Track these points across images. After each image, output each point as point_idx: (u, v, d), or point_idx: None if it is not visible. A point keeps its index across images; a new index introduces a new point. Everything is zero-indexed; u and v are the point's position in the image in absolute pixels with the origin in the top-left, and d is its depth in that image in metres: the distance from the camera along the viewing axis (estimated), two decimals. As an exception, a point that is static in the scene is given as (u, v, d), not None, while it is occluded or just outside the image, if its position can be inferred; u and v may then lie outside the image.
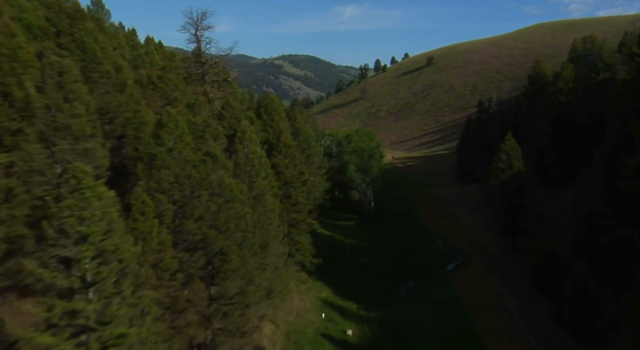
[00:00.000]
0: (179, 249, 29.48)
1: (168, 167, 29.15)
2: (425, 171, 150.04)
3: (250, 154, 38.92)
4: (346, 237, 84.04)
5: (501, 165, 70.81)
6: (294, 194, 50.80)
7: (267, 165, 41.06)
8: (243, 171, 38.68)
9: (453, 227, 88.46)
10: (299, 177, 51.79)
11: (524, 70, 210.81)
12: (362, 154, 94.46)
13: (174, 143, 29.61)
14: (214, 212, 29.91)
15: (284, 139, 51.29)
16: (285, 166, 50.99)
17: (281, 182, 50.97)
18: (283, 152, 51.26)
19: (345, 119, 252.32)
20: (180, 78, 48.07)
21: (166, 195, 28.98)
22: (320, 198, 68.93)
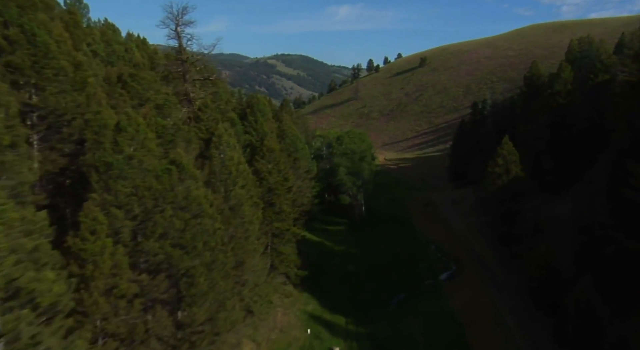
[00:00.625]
0: (138, 271, 25.67)
1: (126, 177, 25.34)
2: (417, 173, 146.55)
3: (226, 160, 35.12)
4: (336, 243, 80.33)
5: (497, 170, 67.32)
6: (277, 202, 47.00)
7: (245, 173, 37.23)
8: (219, 179, 34.89)
9: (446, 233, 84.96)
10: (284, 183, 47.97)
11: (518, 71, 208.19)
12: (353, 157, 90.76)
13: (134, 150, 25.82)
14: (178, 229, 26.09)
15: (268, 143, 47.47)
16: (268, 172, 47.19)
17: (264, 189, 47.19)
18: (266, 157, 47.45)
19: (337, 120, 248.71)
20: (155, 76, 44.14)
21: (123, 210, 25.16)
22: (307, 204, 65.14)
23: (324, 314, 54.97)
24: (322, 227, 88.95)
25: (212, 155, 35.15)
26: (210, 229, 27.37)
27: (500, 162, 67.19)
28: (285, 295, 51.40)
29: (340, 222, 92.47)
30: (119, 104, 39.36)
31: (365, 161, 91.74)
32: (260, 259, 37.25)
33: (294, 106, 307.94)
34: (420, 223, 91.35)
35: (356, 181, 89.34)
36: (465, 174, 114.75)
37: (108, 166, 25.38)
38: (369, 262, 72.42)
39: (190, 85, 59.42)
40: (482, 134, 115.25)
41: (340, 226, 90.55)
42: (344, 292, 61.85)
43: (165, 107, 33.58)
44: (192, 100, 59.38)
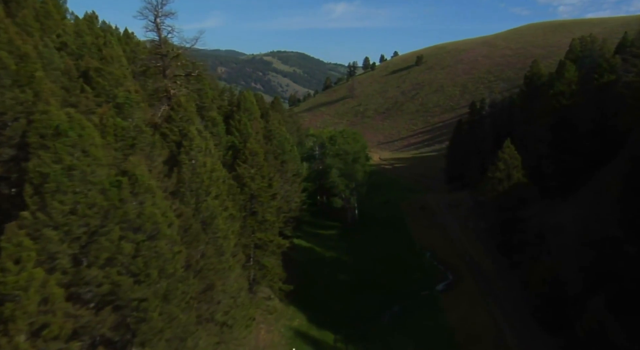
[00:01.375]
0: (78, 304, 21.16)
1: (65, 192, 20.80)
2: (413, 174, 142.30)
3: (198, 167, 30.58)
4: (327, 249, 75.84)
5: (498, 175, 63.01)
6: (260, 210, 42.53)
7: (220, 181, 32.68)
8: (189, 189, 30.36)
9: (442, 239, 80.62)
10: (267, 189, 43.46)
11: (515, 71, 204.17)
12: (346, 158, 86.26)
13: (77, 158, 21.30)
14: (128, 254, 21.57)
15: (251, 145, 42.91)
16: (250, 177, 42.66)
17: (246, 197, 42.71)
18: (249, 161, 42.90)
19: (332, 118, 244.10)
20: (125, 71, 39.56)
21: (60, 231, 20.64)
22: (296, 210, 60.67)
23: (311, 331, 50.48)
24: (313, 231, 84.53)
25: (182, 162, 30.59)
26: (167, 253, 22.84)
27: (502, 166, 62.88)
28: (268, 311, 46.90)
29: (332, 226, 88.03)
30: (80, 102, 34.78)
31: (358, 162, 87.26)
32: (236, 279, 32.73)
33: (288, 104, 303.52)
34: (415, 228, 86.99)
35: (349, 183, 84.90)
36: (462, 176, 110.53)
37: (44, 178, 20.85)
38: (361, 271, 68.01)
39: (171, 81, 54.79)
40: (479, 134, 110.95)
41: (332, 230, 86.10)
42: (333, 304, 57.41)
43: (126, 106, 28.97)
44: (172, 97, 54.82)
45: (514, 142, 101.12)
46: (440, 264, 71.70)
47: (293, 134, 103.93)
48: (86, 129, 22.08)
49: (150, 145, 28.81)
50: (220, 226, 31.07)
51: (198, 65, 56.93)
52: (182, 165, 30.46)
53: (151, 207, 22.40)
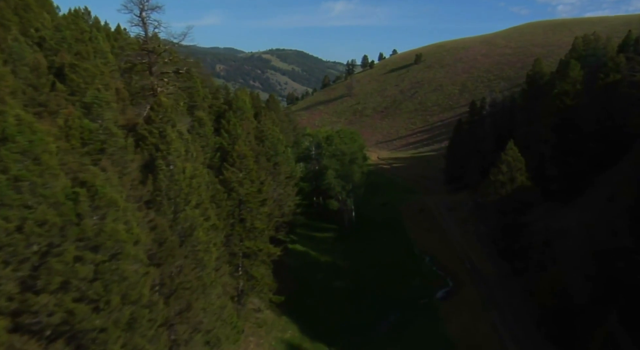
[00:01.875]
0: (26, 337, 18.26)
1: (11, 206, 17.90)
2: (411, 174, 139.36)
3: (176, 173, 27.63)
4: (322, 253, 72.90)
5: (501, 178, 60.07)
6: (249, 217, 39.59)
7: (201, 188, 29.72)
8: (166, 198, 27.42)
9: (442, 243, 77.72)
10: (257, 195, 40.51)
11: (515, 70, 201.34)
12: (342, 158, 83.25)
13: (25, 168, 18.38)
14: (85, 278, 18.63)
15: (239, 148, 39.95)
16: (238, 182, 39.72)
17: (233, 203, 39.77)
18: (237, 164, 39.95)
19: (330, 116, 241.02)
20: (102, 68, 36.66)
21: (4, 252, 17.75)
22: (289, 214, 57.74)
23: (304, 343, 47.55)
24: (308, 233, 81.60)
25: (159, 167, 27.62)
26: (132, 276, 19.87)
27: (505, 169, 59.95)
28: (258, 324, 43.96)
29: (328, 229, 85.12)
30: (50, 101, 31.81)
31: (356, 163, 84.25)
32: (219, 295, 29.81)
33: (286, 102, 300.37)
34: (413, 231, 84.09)
35: (346, 185, 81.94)
36: (461, 177, 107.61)
37: (-14, 190, 17.93)
38: (357, 277, 65.16)
39: (157, 79, 51.81)
40: (480, 134, 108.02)
41: (328, 233, 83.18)
42: (328, 314, 54.50)
43: (95, 106, 26.01)
44: (159, 95, 51.84)
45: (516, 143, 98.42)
46: (440, 269, 68.88)
47: (289, 133, 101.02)
48: (38, 133, 19.09)
49: (122, 149, 25.82)
50: (201, 238, 28.13)
51: (187, 61, 53.90)
52: (158, 171, 27.48)
53: (113, 223, 19.43)
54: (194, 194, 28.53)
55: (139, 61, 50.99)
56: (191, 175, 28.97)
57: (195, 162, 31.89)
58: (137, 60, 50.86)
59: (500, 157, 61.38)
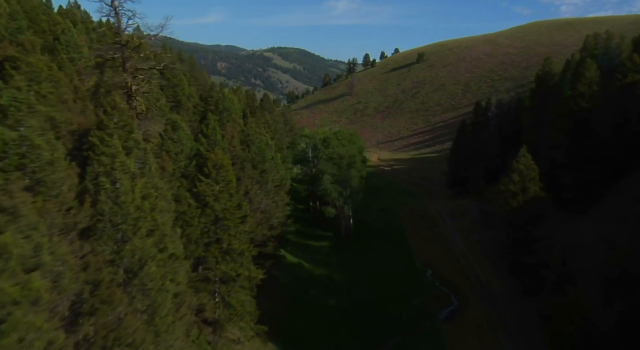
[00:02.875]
0: None
1: None
2: (412, 176, 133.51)
3: (122, 193, 21.84)
4: (316, 265, 67.07)
5: (512, 188, 54.11)
6: (225, 238, 33.85)
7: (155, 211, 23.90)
8: (109, 225, 21.66)
9: (445, 254, 71.90)
10: (235, 211, 34.73)
11: (520, 70, 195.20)
12: (340, 162, 77.34)
13: None
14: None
15: (215, 157, 34.13)
16: (214, 196, 33.94)
17: (208, 220, 33.98)
18: (213, 175, 34.14)
19: (330, 115, 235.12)
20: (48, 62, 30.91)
21: None
22: (278, 226, 51.94)
23: (291, 376, 41.93)
24: (303, 242, 75.87)
25: (101, 187, 21.82)
26: (37, 343, 14.18)
27: (516, 178, 53.99)
28: (237, 357, 38.15)
29: (325, 237, 79.26)
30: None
31: (354, 167, 78.27)
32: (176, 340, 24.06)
33: (287, 100, 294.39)
34: (415, 240, 78.25)
35: (343, 191, 75.98)
36: (464, 181, 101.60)
37: None
38: (353, 293, 59.33)
39: (131, 75, 46.00)
40: (484, 137, 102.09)
41: (324, 242, 77.30)
42: (320, 338, 48.64)
43: (11, 109, 20.23)
44: (133, 95, 46.05)
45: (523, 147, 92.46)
46: (443, 285, 63.10)
47: (284, 134, 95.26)
48: None
49: (49, 165, 20.03)
50: (154, 274, 22.35)
51: (166, 56, 48.03)
52: (100, 191, 21.67)
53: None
54: (146, 218, 22.72)
55: (110, 56, 45.27)
56: (143, 195, 23.16)
57: (153, 177, 26.05)
58: (108, 54, 45.11)
59: (511, 165, 55.35)
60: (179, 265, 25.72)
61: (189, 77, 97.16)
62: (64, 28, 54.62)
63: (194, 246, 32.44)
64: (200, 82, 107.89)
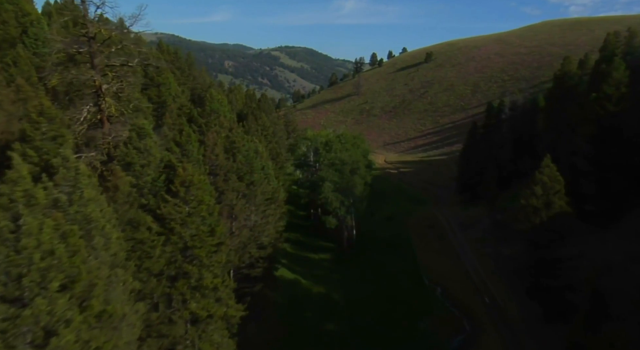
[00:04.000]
0: None
1: None
2: (420, 180, 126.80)
3: (25, 235, 15.58)
4: (315, 282, 60.62)
5: (534, 202, 47.37)
6: (194, 271, 27.53)
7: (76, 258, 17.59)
8: (5, 277, 15.44)
9: (455, 270, 65.34)
10: (207, 238, 28.37)
11: (531, 70, 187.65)
12: (342, 168, 70.92)
13: None
14: None
15: (184, 172, 27.81)
16: (181, 220, 27.65)
17: (174, 249, 27.71)
18: (181, 195, 27.82)
19: (336, 115, 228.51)
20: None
21: None
22: (269, 246, 45.49)
23: None
24: (301, 254, 69.60)
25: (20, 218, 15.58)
26: None
27: (539, 191, 47.26)
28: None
29: (326, 248, 72.87)
30: None
31: (357, 174, 71.77)
32: None
33: (293, 100, 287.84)
34: (422, 253, 71.70)
35: (345, 200, 69.51)
36: (475, 187, 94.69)
37: None
38: (354, 316, 52.81)
39: (101, 73, 39.76)
40: (497, 140, 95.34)
41: (325, 254, 70.90)
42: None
43: None
44: (103, 95, 39.80)
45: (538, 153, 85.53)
46: (454, 306, 56.57)
47: (283, 137, 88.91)
48: None
49: None
50: (68, 346, 16.04)
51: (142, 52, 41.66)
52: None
53: None
54: (61, 267, 16.41)
55: (75, 50, 39.05)
56: (62, 233, 16.88)
57: (88, 205, 19.71)
58: (72, 48, 38.88)
59: (533, 176, 48.64)
60: (117, 323, 19.36)
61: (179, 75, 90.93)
62: (32, 19, 48.58)
63: (154, 282, 26.11)
64: (198, 81, 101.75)
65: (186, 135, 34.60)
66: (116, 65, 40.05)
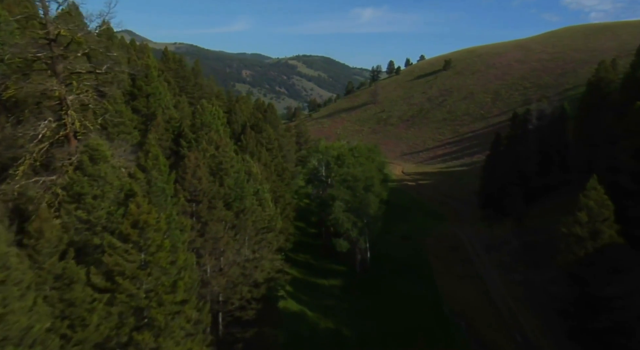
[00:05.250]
0: None
1: None
2: (439, 194, 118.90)
3: None
4: (323, 314, 53.33)
5: (579, 231, 39.71)
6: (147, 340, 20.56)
7: None
8: None
9: (481, 300, 57.73)
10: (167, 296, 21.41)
11: (554, 76, 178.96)
12: (355, 185, 63.80)
13: None
14: None
15: (136, 210, 20.98)
16: (131, 274, 20.82)
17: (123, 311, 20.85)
18: (132, 240, 21.01)
19: (353, 124, 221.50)
20: None
21: None
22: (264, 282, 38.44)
23: None
24: (309, 279, 62.60)
25: None
26: None
27: (584, 218, 39.64)
28: None
29: (337, 273, 65.71)
30: None
31: (372, 191, 64.49)
32: None
33: (308, 109, 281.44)
34: (443, 279, 64.09)
35: (357, 221, 62.28)
36: (499, 202, 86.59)
37: None
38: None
39: (64, 82, 33.31)
40: (522, 153, 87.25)
41: (335, 279, 63.69)
42: None
43: None
44: (66, 108, 33.30)
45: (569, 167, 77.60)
46: (480, 345, 48.89)
47: (291, 150, 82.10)
48: None
49: None
50: None
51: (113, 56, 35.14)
52: None
53: None
54: None
55: (32, 55, 32.66)
56: None
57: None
58: (29, 53, 32.49)
59: (577, 201, 40.92)
60: None
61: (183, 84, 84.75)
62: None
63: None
64: (205, 91, 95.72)
65: (153, 156, 27.90)
66: (82, 73, 33.60)
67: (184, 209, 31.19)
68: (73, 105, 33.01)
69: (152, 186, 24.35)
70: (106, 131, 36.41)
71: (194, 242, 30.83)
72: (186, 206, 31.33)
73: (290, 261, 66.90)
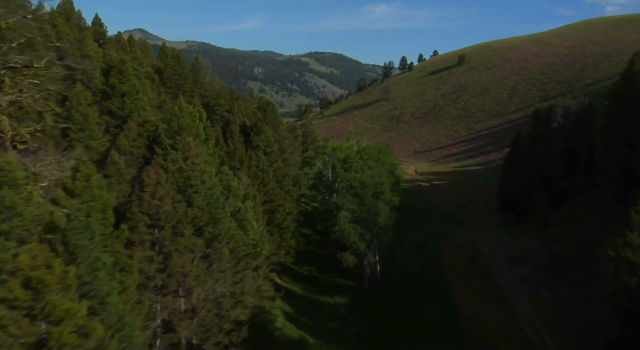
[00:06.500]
0: None
1: None
2: (454, 195, 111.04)
3: None
4: (326, 341, 46.52)
5: (630, 255, 32.39)
6: None
7: None
8: None
9: (505, 322, 50.47)
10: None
11: (573, 71, 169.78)
12: (363, 193, 56.81)
13: None
14: None
15: (28, 262, 14.28)
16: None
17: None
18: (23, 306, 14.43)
19: (365, 122, 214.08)
20: None
21: None
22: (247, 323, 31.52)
23: None
24: (313, 297, 55.96)
25: None
26: None
27: (637, 240, 32.26)
28: None
29: (344, 288, 58.90)
30: None
31: (381, 198, 57.42)
32: None
33: (319, 106, 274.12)
34: (461, 296, 56.87)
35: (365, 233, 55.29)
36: (520, 205, 78.92)
37: None
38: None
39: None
40: (545, 153, 79.29)
41: (341, 297, 56.85)
42: None
43: None
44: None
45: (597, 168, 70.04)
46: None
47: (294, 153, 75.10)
48: None
49: None
50: None
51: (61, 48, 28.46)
52: None
53: None
54: None
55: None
56: None
57: None
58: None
59: (627, 218, 33.48)
60: None
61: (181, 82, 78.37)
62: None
63: None
64: (207, 89, 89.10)
65: (83, 176, 21.16)
66: (17, 67, 26.98)
67: (141, 238, 24.59)
68: (5, 107, 26.45)
69: (70, 221, 17.86)
70: (54, 139, 29.79)
71: (153, 279, 24.23)
72: (144, 234, 24.72)
73: (292, 275, 60.32)
